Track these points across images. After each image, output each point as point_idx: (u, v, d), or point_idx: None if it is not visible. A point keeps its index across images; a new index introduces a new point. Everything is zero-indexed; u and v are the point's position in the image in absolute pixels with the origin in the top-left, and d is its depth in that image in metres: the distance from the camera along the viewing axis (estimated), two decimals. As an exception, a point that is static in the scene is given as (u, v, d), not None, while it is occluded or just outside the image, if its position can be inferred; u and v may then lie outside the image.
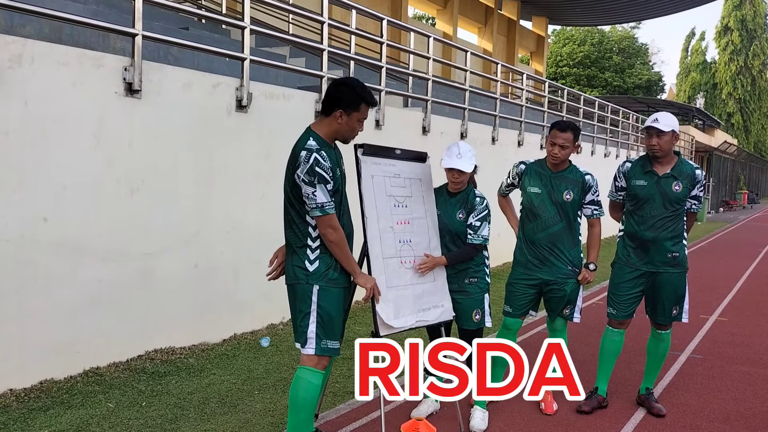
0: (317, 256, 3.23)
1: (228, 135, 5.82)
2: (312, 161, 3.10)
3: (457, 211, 3.96)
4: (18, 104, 4.28)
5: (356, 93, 3.27)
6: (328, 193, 3.14)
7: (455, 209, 3.97)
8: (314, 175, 3.10)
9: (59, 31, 5.30)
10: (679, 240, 4.29)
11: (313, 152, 3.12)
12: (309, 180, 3.10)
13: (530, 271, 4.29)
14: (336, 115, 3.25)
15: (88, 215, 4.73)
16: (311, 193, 3.11)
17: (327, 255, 3.24)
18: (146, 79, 5.04)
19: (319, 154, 3.12)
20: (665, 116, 4.19)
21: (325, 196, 3.12)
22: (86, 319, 4.75)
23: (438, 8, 21.39)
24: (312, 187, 3.10)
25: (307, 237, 3.24)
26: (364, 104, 3.29)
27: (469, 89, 9.93)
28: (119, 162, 4.93)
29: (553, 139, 4.19)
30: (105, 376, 4.71)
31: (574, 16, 29.31)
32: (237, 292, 5.95)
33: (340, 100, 3.25)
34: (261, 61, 6.32)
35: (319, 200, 3.11)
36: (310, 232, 3.23)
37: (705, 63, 51.00)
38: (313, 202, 3.12)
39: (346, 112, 3.25)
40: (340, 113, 3.24)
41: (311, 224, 3.21)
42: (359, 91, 3.29)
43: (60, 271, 4.57)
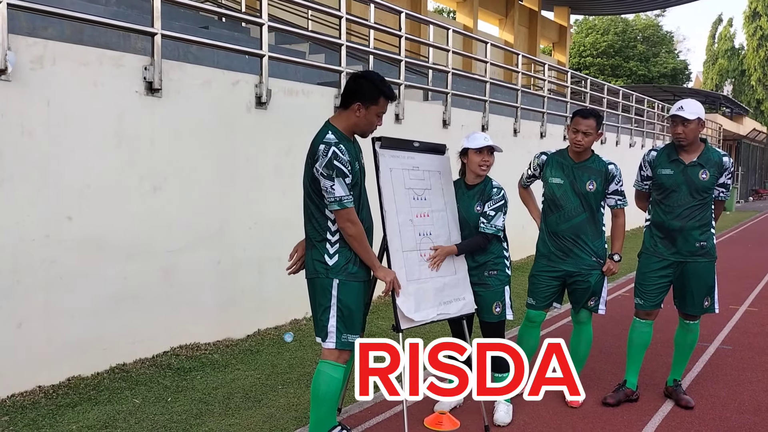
0: (337, 250, 3.22)
1: (248, 132, 5.84)
2: (330, 154, 3.09)
3: (475, 203, 3.91)
4: (40, 105, 4.33)
5: (375, 86, 3.25)
6: (347, 187, 3.12)
7: (473, 202, 3.92)
8: (333, 168, 3.08)
9: (80, 32, 5.35)
10: (707, 229, 4.20)
11: (331, 146, 3.11)
12: (327, 173, 3.09)
13: (553, 263, 4.25)
14: (354, 108, 3.23)
15: (111, 213, 4.78)
16: (330, 187, 3.10)
17: (347, 249, 3.23)
18: (166, 78, 5.07)
19: (337, 148, 3.11)
20: (690, 103, 4.10)
21: (344, 189, 3.11)
22: (112, 316, 4.81)
23: (458, 1, 21.24)
24: (330, 180, 3.09)
25: (327, 231, 3.23)
26: (383, 98, 3.27)
27: (489, 81, 9.84)
28: (141, 160, 4.98)
29: (576, 126, 4.14)
30: (131, 372, 4.76)
31: (596, 6, 28.90)
32: (260, 288, 5.98)
33: (359, 93, 3.23)
34: (279, 58, 6.33)
35: (337, 194, 3.10)
36: (329, 226, 3.22)
37: (733, 49, 49.94)
38: (331, 195, 3.11)
39: (365, 105, 3.23)
40: (358, 106, 3.22)
41: (330, 218, 3.20)
42: (378, 84, 3.26)
43: (85, 268, 4.63)
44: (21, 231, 4.28)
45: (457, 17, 21.82)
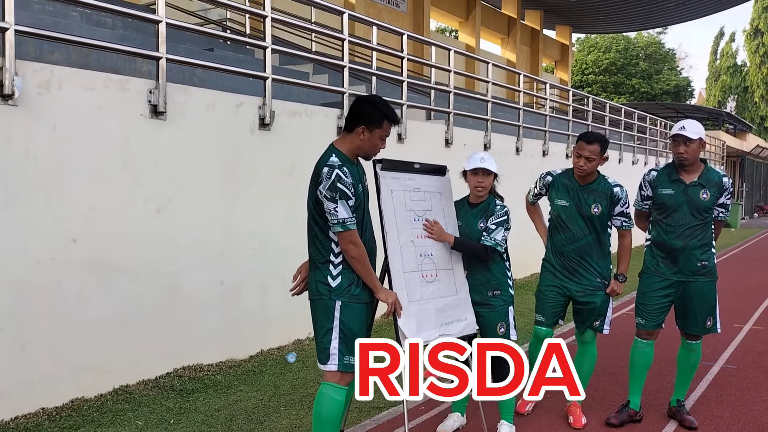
0: (340, 272, 3.25)
1: (252, 153, 5.90)
2: (334, 177, 3.13)
3: (478, 221, 3.94)
4: (46, 129, 4.40)
5: (379, 110, 3.30)
6: (350, 209, 3.16)
7: (477, 219, 3.95)
8: (336, 191, 3.12)
9: (87, 56, 5.43)
10: (708, 248, 4.22)
11: (335, 168, 3.15)
12: (331, 196, 3.13)
13: (558, 280, 4.28)
14: (358, 132, 3.28)
15: (116, 235, 4.82)
16: (333, 209, 3.14)
17: (349, 270, 3.26)
18: (171, 101, 5.14)
19: (341, 170, 3.15)
20: (692, 124, 4.14)
21: (347, 211, 3.14)
22: (116, 338, 4.83)
23: (460, 20, 21.42)
24: (334, 202, 3.13)
25: (330, 252, 3.26)
26: (387, 121, 3.32)
27: (491, 100, 9.91)
28: (146, 182, 5.03)
29: (580, 151, 4.17)
30: (134, 393, 4.77)
31: (598, 24, 29.05)
32: (263, 308, 6.00)
33: (363, 116, 3.28)
34: (283, 80, 6.40)
35: (340, 216, 3.14)
36: (332, 247, 3.25)
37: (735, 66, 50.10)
38: (334, 217, 3.15)
39: (369, 129, 3.27)
40: (362, 130, 3.27)
41: (334, 240, 3.23)
42: (382, 108, 3.32)
43: (89, 290, 4.66)
44: (26, 253, 4.32)
45: (460, 36, 22.01)
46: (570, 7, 23.90)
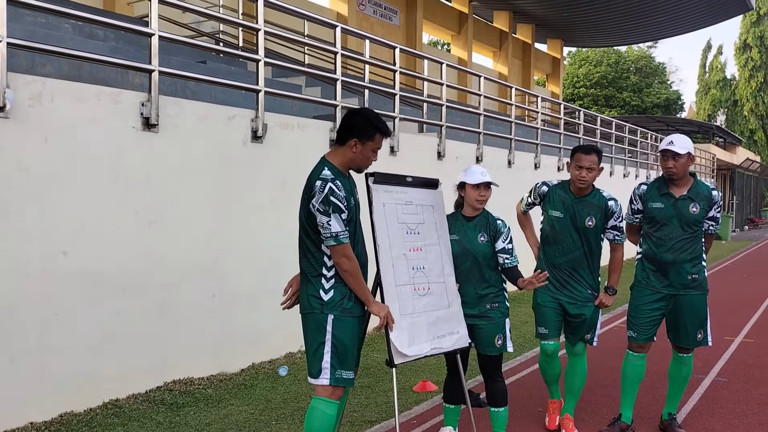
0: (332, 285, 3.24)
1: (244, 165, 5.90)
2: (327, 190, 3.13)
3: (478, 234, 3.94)
4: (38, 141, 4.39)
5: (371, 122, 3.31)
6: (343, 223, 3.16)
7: (476, 233, 3.95)
8: (329, 204, 3.12)
9: (79, 68, 5.44)
10: (698, 261, 4.24)
11: (328, 182, 3.15)
12: (324, 209, 3.13)
13: (551, 292, 4.28)
14: (350, 145, 3.28)
15: (107, 248, 4.80)
16: (326, 222, 3.13)
17: (342, 284, 3.25)
18: (163, 114, 5.14)
19: (333, 184, 3.15)
20: (680, 138, 4.17)
21: (340, 225, 3.14)
22: (106, 351, 4.80)
23: (452, 34, 21.56)
24: (327, 216, 3.13)
25: (323, 266, 3.25)
26: (379, 134, 3.32)
27: (483, 113, 9.96)
28: (137, 195, 5.01)
29: (579, 163, 4.17)
30: (124, 408, 4.73)
31: (589, 38, 29.27)
32: (254, 322, 5.97)
33: (355, 129, 3.28)
34: (276, 93, 6.42)
35: (333, 229, 3.13)
36: (325, 261, 3.24)
37: (725, 80, 50.60)
38: (327, 231, 3.14)
39: (361, 141, 3.28)
40: (354, 142, 3.27)
41: (326, 253, 3.23)
42: (374, 120, 3.32)
43: (80, 303, 4.63)
44: (17, 266, 4.29)
45: (452, 50, 22.14)
46: (561, 21, 24.11)
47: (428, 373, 5.74)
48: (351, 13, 15.93)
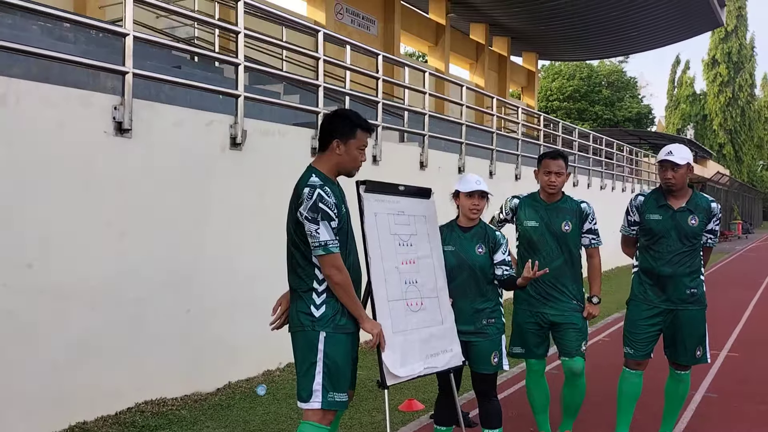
0: (324, 300, 3.03)
1: (222, 174, 5.64)
2: (315, 197, 2.95)
3: (475, 245, 3.77)
4: (2, 145, 4.10)
5: (350, 120, 3.18)
6: (332, 231, 2.96)
7: (473, 244, 3.77)
8: (318, 211, 2.94)
9: (47, 70, 5.14)
10: (697, 275, 4.12)
11: (316, 188, 2.98)
12: (312, 217, 2.94)
13: (534, 308, 4.11)
14: (333, 147, 3.13)
15: (75, 260, 4.51)
16: (314, 231, 2.94)
17: (335, 299, 3.04)
18: (137, 118, 4.87)
19: (322, 190, 2.98)
20: (679, 148, 4.05)
21: (329, 234, 2.95)
22: (72, 370, 4.49)
23: (429, 45, 21.52)
24: (315, 224, 2.93)
25: (313, 280, 3.03)
26: (360, 130, 3.17)
27: (465, 123, 9.83)
28: (108, 204, 4.73)
29: (548, 168, 4.09)
30: (92, 431, 4.42)
31: (563, 52, 29.62)
32: (231, 338, 5.69)
33: (335, 130, 3.15)
34: (255, 98, 6.19)
35: (322, 238, 2.93)
36: (316, 274, 3.03)
37: (694, 95, 51.62)
38: (316, 240, 2.94)
39: (343, 141, 3.13)
40: (337, 143, 3.13)
41: (317, 266, 3.02)
42: (353, 118, 3.20)
43: (45, 319, 4.33)
44: (-25, 280, 3.98)
45: (429, 61, 22.09)
46: (537, 35, 24.29)
47: (414, 391, 5.53)
48: (329, 21, 15.75)
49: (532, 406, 4.34)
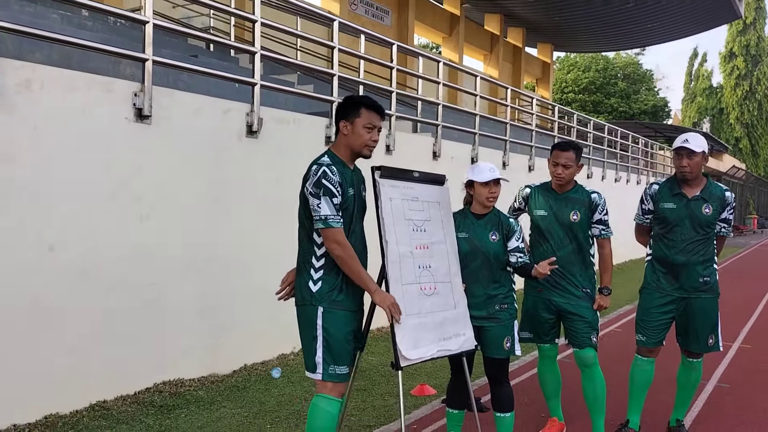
0: (320, 277, 3.15)
1: (238, 161, 5.72)
2: (320, 174, 3.09)
3: (489, 232, 3.80)
4: (26, 129, 4.19)
5: (353, 100, 3.30)
6: (335, 207, 3.07)
7: (487, 231, 3.81)
8: (320, 186, 3.06)
9: (69, 57, 5.24)
10: (710, 264, 4.13)
11: (322, 166, 3.12)
12: (315, 192, 3.07)
13: (543, 295, 4.13)
14: (341, 128, 3.26)
15: (96, 243, 4.61)
16: (316, 205, 3.07)
17: (331, 276, 3.15)
18: (156, 105, 4.95)
19: (328, 168, 3.11)
20: (695, 137, 4.06)
21: (330, 209, 3.05)
22: (93, 351, 4.60)
23: (444, 36, 21.48)
24: (317, 198, 3.06)
25: (312, 255, 3.17)
26: (364, 108, 3.25)
27: (479, 114, 9.84)
28: (128, 188, 4.82)
29: (556, 160, 4.10)
30: (112, 410, 4.54)
31: (578, 43, 29.36)
32: (247, 322, 5.78)
33: (341, 111, 3.28)
34: (271, 87, 6.25)
35: (323, 212, 3.05)
36: (314, 250, 3.16)
37: (711, 88, 51.06)
38: (317, 214, 3.07)
39: (349, 120, 3.24)
40: (344, 124, 3.25)
41: (317, 242, 3.15)
42: (356, 98, 3.33)
43: (66, 300, 4.43)
44: (1, 261, 4.08)
45: (443, 52, 22.05)
46: (552, 26, 24.13)
47: (426, 376, 5.60)
48: (343, 12, 15.77)
49: (544, 391, 4.39)
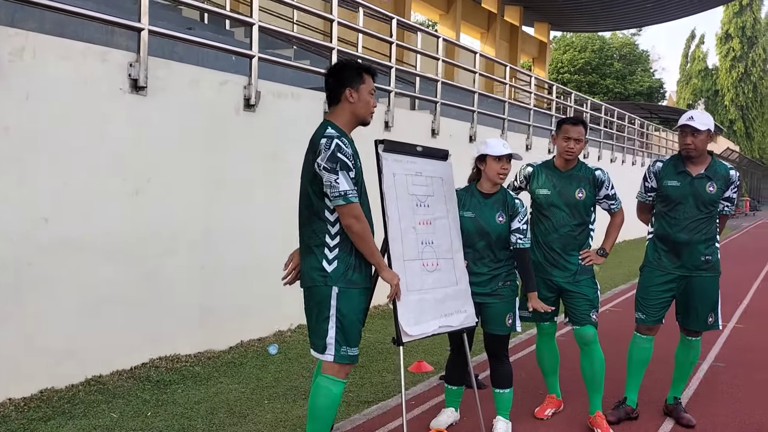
0: (336, 256, 3.02)
1: (236, 134, 5.64)
2: (334, 147, 2.94)
3: (496, 213, 3.74)
4: (18, 99, 4.09)
5: (354, 67, 3.19)
6: (351, 181, 2.96)
7: (494, 211, 3.75)
8: (336, 161, 2.93)
9: (62, 26, 5.11)
10: (712, 243, 4.11)
11: (334, 138, 2.97)
12: (331, 167, 2.92)
13: (541, 273, 4.08)
14: (346, 96, 3.11)
15: (91, 215, 4.54)
16: (334, 181, 2.92)
17: (346, 254, 3.04)
18: (152, 76, 4.86)
19: (340, 141, 2.98)
20: (700, 114, 4.01)
21: (348, 183, 2.94)
22: (88, 325, 4.55)
23: (441, 13, 21.28)
24: (334, 174, 2.92)
25: (326, 234, 3.03)
26: (366, 73, 3.17)
27: (478, 92, 9.76)
28: (124, 160, 4.75)
29: (567, 134, 4.02)
30: (108, 384, 4.50)
31: (575, 22, 29.19)
32: (244, 297, 5.75)
33: (344, 79, 3.13)
34: (270, 59, 6.15)
35: (342, 188, 2.92)
36: (328, 228, 3.02)
37: (707, 69, 50.94)
38: (335, 190, 2.92)
39: (354, 87, 3.12)
40: (349, 92, 3.11)
41: (330, 220, 3.02)
42: (356, 64, 3.22)
43: (61, 273, 4.38)
44: (-6, 232, 4.02)
45: (439, 29, 21.84)
46: (549, 4, 23.95)
47: (423, 353, 5.59)
48: (340, -14, 15.55)
49: (541, 368, 4.38)
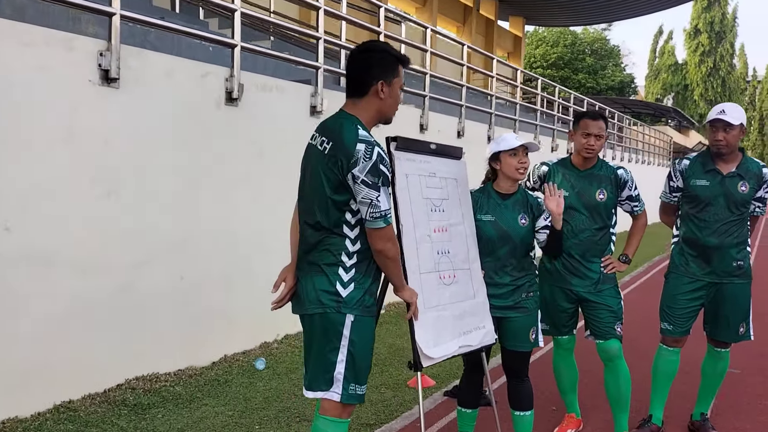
0: (352, 277, 2.54)
1: (216, 130, 5.17)
2: (376, 157, 2.44)
3: (518, 215, 3.34)
4: (-27, 91, 3.60)
5: (391, 54, 2.63)
6: (390, 199, 2.52)
7: (515, 214, 3.35)
8: (379, 175, 2.44)
9: (22, 11, 4.59)
10: (744, 246, 3.78)
11: (374, 146, 2.46)
12: (372, 181, 2.43)
13: (561, 282, 3.72)
14: (377, 89, 2.57)
15: (58, 222, 4.05)
16: (376, 199, 2.44)
17: (362, 275, 2.57)
18: (124, 66, 4.38)
19: (380, 149, 2.48)
20: (732, 107, 3.67)
21: (389, 201, 2.49)
22: (57, 344, 4.07)
23: (417, 6, 20.87)
24: (376, 190, 2.44)
25: (342, 252, 2.53)
26: (401, 65, 2.66)
27: (466, 86, 9.40)
28: (94, 160, 4.26)
29: (587, 130, 3.64)
30: (79, 411, 4.03)
31: (549, 17, 29.16)
32: (227, 307, 5.29)
33: (377, 68, 2.57)
34: (254, 49, 5.69)
35: (383, 207, 2.45)
36: (346, 246, 2.53)
37: (676, 64, 51.48)
38: (377, 210, 2.45)
39: (388, 81, 2.59)
40: (381, 85, 2.57)
41: (350, 237, 2.53)
42: (391, 50, 2.65)
43: (25, 287, 3.89)
44: (-55, 243, 3.52)
45: (416, 22, 21.47)
46: (524, -1, 23.77)
47: (422, 365, 5.19)
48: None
49: (559, 385, 4.03)
